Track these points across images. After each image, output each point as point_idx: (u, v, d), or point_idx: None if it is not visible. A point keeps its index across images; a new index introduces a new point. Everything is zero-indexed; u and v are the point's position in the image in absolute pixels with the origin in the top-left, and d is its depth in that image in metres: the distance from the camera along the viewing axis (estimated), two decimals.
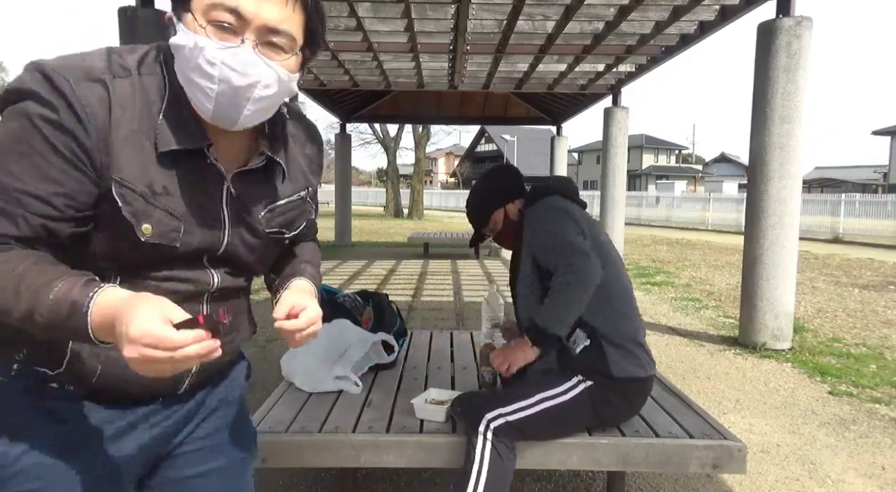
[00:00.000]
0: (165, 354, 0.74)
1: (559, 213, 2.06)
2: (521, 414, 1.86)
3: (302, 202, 1.13)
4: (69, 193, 0.85)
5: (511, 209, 2.24)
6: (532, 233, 2.07)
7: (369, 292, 2.94)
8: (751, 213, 4.95)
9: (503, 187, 2.28)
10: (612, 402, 1.97)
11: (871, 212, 16.90)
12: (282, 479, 2.59)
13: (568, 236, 1.97)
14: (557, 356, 2.00)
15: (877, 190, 31.61)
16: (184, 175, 0.93)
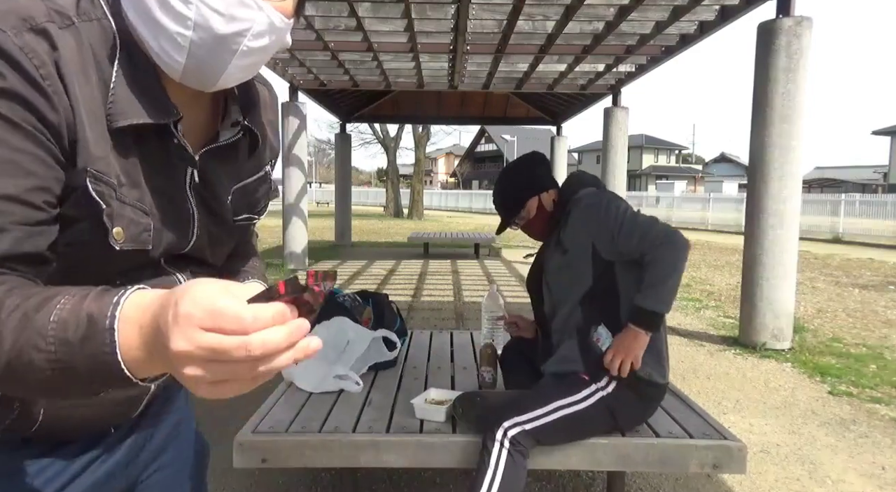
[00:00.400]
0: (237, 342, 0.47)
1: (616, 198, 2.03)
2: (537, 423, 1.85)
3: (265, 177, 0.91)
4: (46, 186, 0.62)
5: (546, 198, 2.16)
6: (589, 219, 1.98)
7: (369, 292, 2.94)
8: (751, 213, 4.95)
9: (539, 175, 2.19)
10: (629, 405, 1.96)
11: (871, 212, 16.91)
12: (282, 479, 2.59)
13: (638, 215, 1.94)
14: (581, 356, 1.99)
15: (877, 190, 31.61)
16: (145, 157, 0.71)
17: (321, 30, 6.98)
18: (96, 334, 0.52)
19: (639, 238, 1.89)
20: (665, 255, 1.86)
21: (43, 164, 0.62)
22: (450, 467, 2.02)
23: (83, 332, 0.52)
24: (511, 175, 2.23)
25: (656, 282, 1.87)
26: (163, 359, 0.51)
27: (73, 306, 0.54)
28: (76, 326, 0.53)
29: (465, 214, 34.34)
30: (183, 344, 0.48)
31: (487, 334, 2.60)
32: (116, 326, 0.52)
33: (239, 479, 2.58)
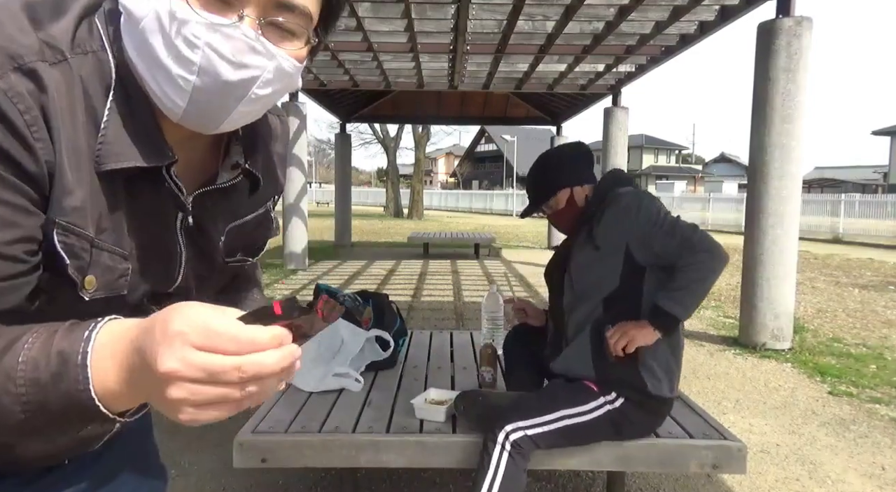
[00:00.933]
0: (231, 363, 0.46)
1: (655, 199, 1.98)
2: (540, 429, 1.85)
3: (266, 215, 0.85)
4: (28, 235, 0.58)
5: (579, 192, 2.11)
6: (625, 219, 1.93)
7: (369, 292, 2.94)
8: (751, 213, 4.94)
9: (579, 168, 2.13)
10: (635, 421, 1.95)
11: (871, 212, 16.90)
12: (282, 479, 2.59)
13: (679, 219, 1.91)
14: (593, 362, 1.96)
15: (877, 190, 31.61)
16: (133, 200, 0.66)
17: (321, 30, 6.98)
18: (68, 371, 0.50)
19: (680, 240, 1.85)
20: (703, 262, 1.82)
21: (24, 212, 0.57)
22: (450, 467, 2.02)
23: (54, 370, 0.50)
24: (550, 161, 2.16)
25: (684, 286, 1.84)
26: (141, 387, 0.49)
27: (41, 344, 0.51)
28: (46, 365, 0.50)
29: (465, 214, 34.32)
30: (173, 363, 0.46)
31: (487, 334, 2.60)
32: (89, 362, 0.50)
33: (239, 479, 2.58)
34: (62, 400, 0.50)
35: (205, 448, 2.92)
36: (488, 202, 36.62)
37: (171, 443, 2.98)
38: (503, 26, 6.82)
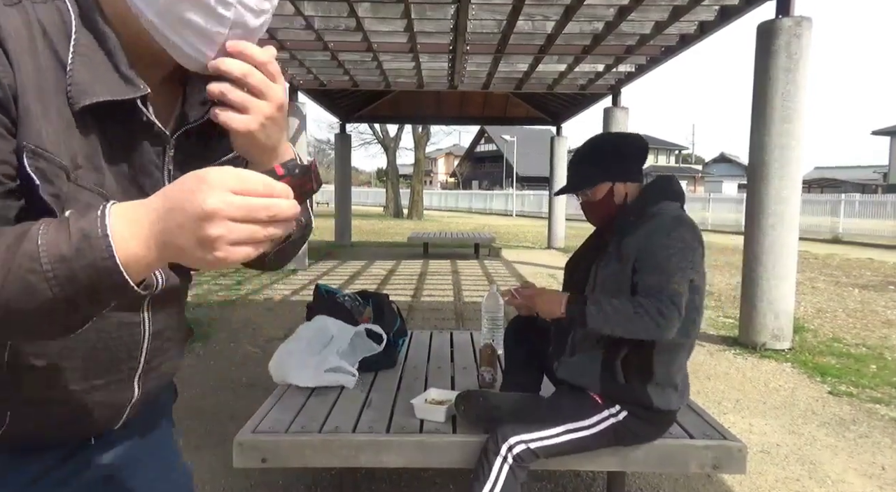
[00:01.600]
0: (262, 203, 0.54)
1: (694, 240, 1.85)
2: (543, 443, 1.84)
3: (238, 158, 0.83)
4: (2, 159, 0.61)
5: (620, 189, 1.99)
6: (651, 239, 1.84)
7: (369, 292, 2.95)
8: (751, 213, 4.95)
9: (628, 162, 2.02)
10: (639, 433, 1.94)
11: (871, 212, 16.90)
12: (282, 479, 2.58)
13: (686, 275, 1.81)
14: (601, 374, 1.92)
15: (877, 190, 31.60)
16: (110, 140, 0.69)
17: (321, 30, 6.98)
18: (91, 244, 0.53)
19: (654, 289, 1.78)
20: (647, 321, 1.75)
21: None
22: (450, 467, 2.02)
23: (77, 245, 0.53)
24: (600, 149, 2.06)
25: (618, 314, 1.78)
26: (172, 238, 0.55)
27: (56, 228, 0.54)
28: (68, 242, 0.53)
29: (464, 214, 34.33)
30: (216, 202, 0.53)
31: (487, 334, 2.60)
32: (110, 233, 0.54)
33: (239, 479, 2.58)
34: (88, 272, 0.53)
35: (205, 448, 2.92)
36: (488, 202, 36.62)
37: None
38: (503, 26, 6.82)
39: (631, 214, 1.94)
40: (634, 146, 2.04)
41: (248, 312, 6.20)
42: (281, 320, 5.80)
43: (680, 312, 1.78)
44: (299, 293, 7.32)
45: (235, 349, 4.72)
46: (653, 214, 1.89)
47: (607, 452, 1.95)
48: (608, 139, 2.11)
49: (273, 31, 6.99)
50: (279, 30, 7.04)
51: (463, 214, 34.49)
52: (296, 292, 7.40)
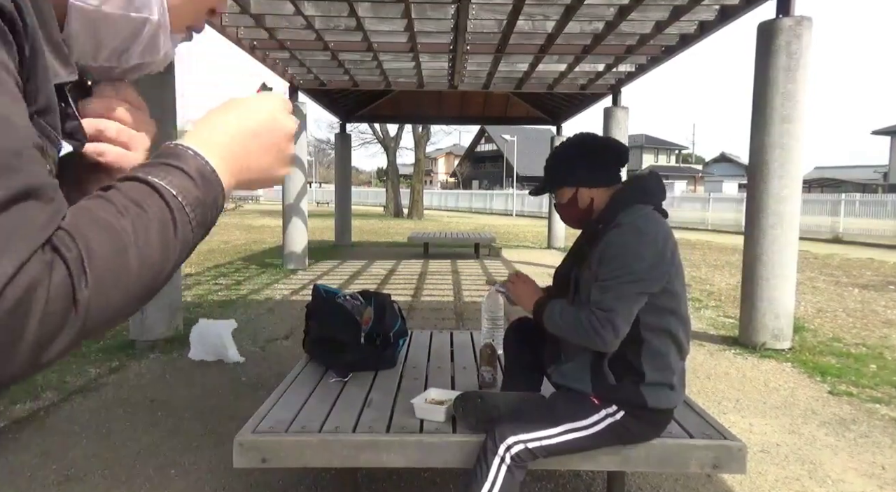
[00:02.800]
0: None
1: (652, 251, 1.83)
2: (541, 443, 1.84)
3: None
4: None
5: (584, 194, 1.98)
6: (608, 250, 1.83)
7: (371, 292, 2.95)
8: (751, 213, 4.95)
9: (593, 168, 1.98)
10: (637, 432, 1.94)
11: (871, 212, 16.90)
12: (282, 479, 2.59)
13: (628, 289, 1.80)
14: (592, 380, 1.92)
15: (877, 190, 31.60)
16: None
17: (321, 30, 6.98)
18: (209, 181, 0.56)
19: (601, 296, 1.81)
20: (582, 332, 1.83)
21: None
22: (450, 467, 2.02)
23: (203, 186, 0.55)
24: (564, 153, 2.04)
25: (565, 323, 1.89)
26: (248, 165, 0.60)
27: (169, 172, 0.53)
28: (195, 186, 0.54)
29: (464, 214, 34.32)
30: (293, 122, 0.63)
31: (487, 334, 2.60)
32: (214, 166, 0.57)
33: (239, 479, 2.58)
34: (212, 210, 0.57)
35: (205, 448, 2.92)
36: (488, 202, 36.61)
37: (171, 443, 2.98)
38: (503, 26, 6.82)
39: (600, 221, 1.93)
40: (605, 151, 2.02)
41: (248, 312, 6.20)
42: (281, 320, 5.80)
43: (615, 330, 1.80)
44: (299, 293, 7.32)
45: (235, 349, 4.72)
46: (618, 222, 1.87)
47: (607, 451, 1.95)
48: (577, 142, 2.05)
49: (273, 30, 6.99)
50: (279, 29, 7.04)
51: (463, 213, 34.49)
52: (296, 292, 7.40)
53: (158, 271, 0.51)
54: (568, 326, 1.88)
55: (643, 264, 1.81)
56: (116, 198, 0.50)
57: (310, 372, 2.66)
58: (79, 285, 0.45)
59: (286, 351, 4.64)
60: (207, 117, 0.60)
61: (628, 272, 1.80)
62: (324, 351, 2.74)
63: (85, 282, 0.45)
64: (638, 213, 1.89)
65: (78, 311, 0.45)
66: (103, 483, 2.59)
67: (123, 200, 0.50)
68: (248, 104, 0.61)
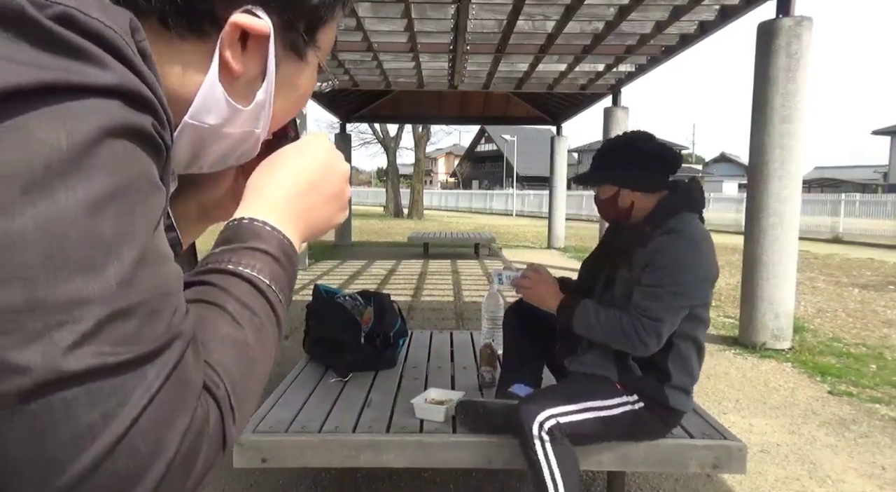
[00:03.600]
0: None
1: (704, 268, 1.84)
2: (569, 418, 1.80)
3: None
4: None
5: (626, 196, 1.95)
6: (661, 259, 1.83)
7: (371, 292, 2.95)
8: (751, 213, 4.94)
9: (643, 174, 1.94)
10: (649, 428, 1.94)
11: (871, 212, 16.91)
12: (282, 479, 2.59)
13: (677, 302, 1.81)
14: (618, 371, 1.92)
15: (877, 190, 31.59)
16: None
17: None
18: (292, 259, 0.53)
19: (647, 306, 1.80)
20: (623, 337, 1.82)
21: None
22: (450, 466, 2.02)
23: (288, 267, 0.52)
24: (619, 150, 1.99)
25: (602, 326, 1.84)
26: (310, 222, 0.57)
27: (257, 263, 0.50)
28: (281, 268, 0.51)
29: (465, 213, 34.32)
30: (345, 164, 0.60)
31: (487, 334, 2.60)
32: (289, 236, 0.53)
33: (239, 479, 2.58)
34: (293, 281, 0.54)
35: None
36: (488, 202, 36.61)
37: None
38: (503, 26, 6.82)
39: (648, 224, 1.91)
40: (658, 158, 1.96)
41: None
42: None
43: (659, 339, 1.81)
44: (299, 293, 7.32)
45: None
46: (670, 228, 1.86)
47: (607, 446, 1.95)
48: (632, 143, 2.00)
49: None
50: None
51: (463, 213, 34.49)
52: (295, 292, 7.37)
53: (270, 370, 0.49)
54: (607, 331, 1.83)
55: (694, 278, 1.83)
56: (228, 304, 0.47)
57: (310, 372, 2.66)
58: (228, 425, 0.42)
59: (286, 351, 4.64)
60: (265, 176, 0.55)
61: (679, 284, 1.81)
62: (324, 351, 2.74)
63: (233, 419, 0.42)
64: (688, 221, 1.90)
65: (226, 450, 0.42)
66: None
67: (235, 304, 0.47)
68: (301, 155, 0.57)
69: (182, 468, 0.38)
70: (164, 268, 0.39)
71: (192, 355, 0.40)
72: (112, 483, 0.35)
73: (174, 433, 0.37)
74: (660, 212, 1.93)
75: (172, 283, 0.40)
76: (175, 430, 0.37)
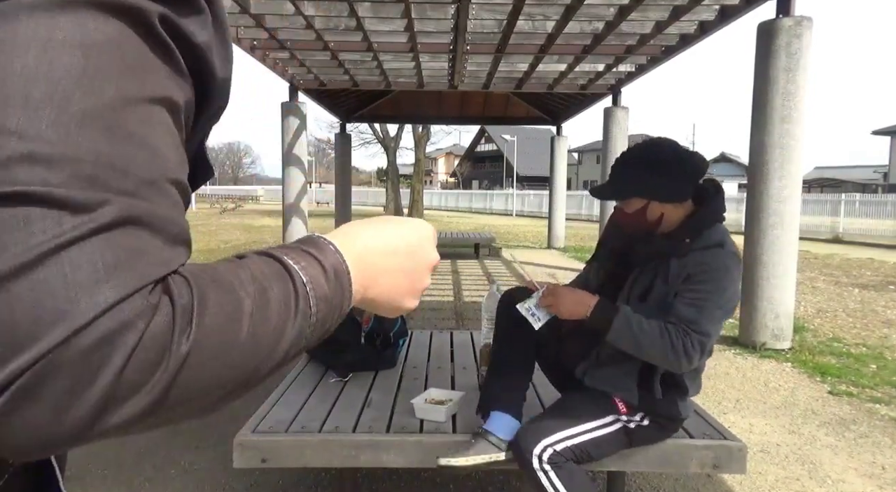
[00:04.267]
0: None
1: (737, 275, 1.81)
2: (566, 444, 1.79)
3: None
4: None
5: (655, 208, 1.86)
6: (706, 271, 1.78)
7: None
8: (751, 213, 4.95)
9: (671, 184, 1.84)
10: (653, 438, 1.94)
11: (871, 212, 16.90)
12: (282, 479, 2.59)
13: (721, 316, 1.78)
14: (639, 395, 1.87)
15: (877, 190, 31.59)
16: None
17: (321, 30, 6.98)
18: (342, 283, 0.49)
19: (688, 319, 1.74)
20: (668, 350, 1.73)
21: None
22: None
23: (333, 285, 0.48)
24: (647, 161, 1.87)
25: (645, 334, 1.75)
26: (379, 282, 0.54)
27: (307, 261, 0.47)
28: (326, 282, 0.47)
29: (465, 213, 34.32)
30: (437, 254, 0.59)
31: (487, 334, 2.59)
32: (351, 271, 0.50)
33: (239, 479, 2.58)
34: (334, 312, 0.49)
35: (205, 448, 2.92)
36: (488, 202, 36.61)
37: (172, 443, 2.98)
38: (503, 26, 6.82)
39: (686, 235, 1.84)
40: (688, 166, 1.86)
41: None
42: None
43: (703, 353, 1.76)
44: None
45: None
46: (712, 241, 1.82)
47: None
48: (660, 152, 1.88)
49: (273, 30, 6.99)
50: (279, 29, 7.04)
51: (463, 213, 34.49)
52: None
53: (263, 357, 0.43)
54: (650, 342, 1.74)
55: (734, 292, 1.82)
56: (247, 266, 0.44)
57: (310, 372, 2.66)
58: (179, 338, 0.37)
59: None
60: (356, 224, 0.55)
61: (724, 298, 1.78)
62: (324, 351, 2.74)
63: (187, 337, 0.37)
64: (725, 233, 1.86)
65: (167, 368, 0.36)
66: (103, 483, 2.59)
67: (255, 270, 0.44)
68: (402, 224, 0.57)
69: (90, 353, 0.33)
70: (127, 147, 0.37)
71: (159, 250, 0.38)
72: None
73: (89, 302, 0.33)
74: (698, 221, 1.86)
75: (134, 167, 0.37)
76: (93, 298, 0.34)
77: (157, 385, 0.36)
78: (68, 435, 0.34)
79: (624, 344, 1.78)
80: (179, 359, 0.37)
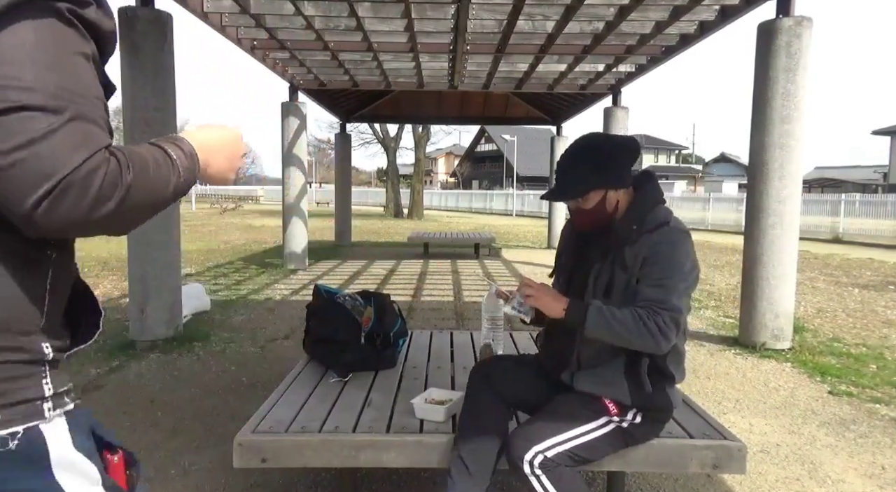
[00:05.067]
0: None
1: (690, 248, 1.85)
2: (556, 450, 1.79)
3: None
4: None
5: (612, 197, 1.91)
6: (661, 250, 1.81)
7: (371, 292, 2.95)
8: (751, 213, 4.95)
9: (622, 168, 1.91)
10: (647, 433, 1.94)
11: (871, 212, 16.90)
12: (282, 479, 2.59)
13: (688, 290, 1.82)
14: (630, 392, 1.87)
15: (877, 190, 31.57)
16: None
17: (321, 30, 6.98)
18: (194, 160, 0.89)
19: (655, 298, 1.77)
20: (644, 331, 1.75)
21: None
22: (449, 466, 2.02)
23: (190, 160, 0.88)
24: (595, 153, 1.92)
25: (619, 323, 1.76)
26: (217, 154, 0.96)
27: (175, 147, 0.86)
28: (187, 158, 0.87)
29: (465, 214, 34.32)
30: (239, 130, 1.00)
31: (487, 334, 2.59)
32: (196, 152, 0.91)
33: (239, 479, 2.58)
34: (191, 176, 0.88)
35: (205, 448, 2.92)
36: (488, 202, 36.60)
37: (172, 443, 2.98)
38: (503, 26, 6.82)
39: (633, 222, 1.89)
40: (628, 150, 1.94)
41: (248, 312, 6.20)
42: (281, 320, 5.80)
43: (678, 328, 1.78)
44: (299, 293, 7.32)
45: (235, 349, 4.73)
46: (654, 221, 1.86)
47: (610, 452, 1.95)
48: (600, 142, 1.97)
49: (273, 30, 6.99)
50: (279, 29, 7.04)
51: (463, 213, 34.49)
52: (296, 292, 7.40)
53: (161, 191, 0.83)
54: (628, 327, 1.76)
55: (692, 266, 1.84)
56: (146, 147, 0.83)
57: (310, 372, 2.66)
58: (124, 173, 0.76)
59: (286, 351, 4.64)
60: (199, 128, 0.97)
61: (684, 273, 1.82)
62: (324, 351, 2.74)
63: (128, 171, 0.76)
64: (668, 213, 1.91)
65: (123, 185, 0.75)
66: None
67: (151, 150, 0.83)
68: (223, 128, 0.98)
69: (85, 178, 0.71)
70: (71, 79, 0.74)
71: (100, 132, 0.76)
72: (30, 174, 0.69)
73: (77, 155, 0.71)
74: (639, 207, 1.91)
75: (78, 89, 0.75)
76: (77, 154, 0.71)
77: (118, 196, 0.75)
78: (81, 220, 0.72)
79: (602, 334, 1.81)
80: (127, 184, 0.76)
